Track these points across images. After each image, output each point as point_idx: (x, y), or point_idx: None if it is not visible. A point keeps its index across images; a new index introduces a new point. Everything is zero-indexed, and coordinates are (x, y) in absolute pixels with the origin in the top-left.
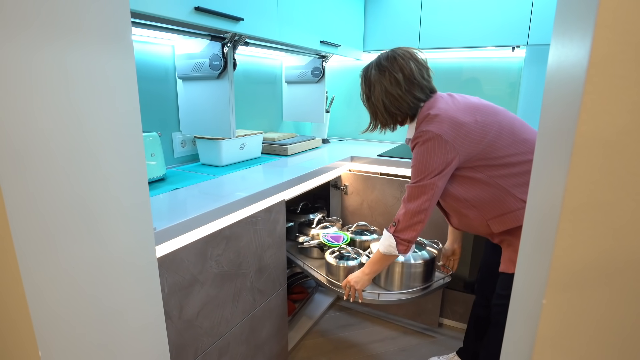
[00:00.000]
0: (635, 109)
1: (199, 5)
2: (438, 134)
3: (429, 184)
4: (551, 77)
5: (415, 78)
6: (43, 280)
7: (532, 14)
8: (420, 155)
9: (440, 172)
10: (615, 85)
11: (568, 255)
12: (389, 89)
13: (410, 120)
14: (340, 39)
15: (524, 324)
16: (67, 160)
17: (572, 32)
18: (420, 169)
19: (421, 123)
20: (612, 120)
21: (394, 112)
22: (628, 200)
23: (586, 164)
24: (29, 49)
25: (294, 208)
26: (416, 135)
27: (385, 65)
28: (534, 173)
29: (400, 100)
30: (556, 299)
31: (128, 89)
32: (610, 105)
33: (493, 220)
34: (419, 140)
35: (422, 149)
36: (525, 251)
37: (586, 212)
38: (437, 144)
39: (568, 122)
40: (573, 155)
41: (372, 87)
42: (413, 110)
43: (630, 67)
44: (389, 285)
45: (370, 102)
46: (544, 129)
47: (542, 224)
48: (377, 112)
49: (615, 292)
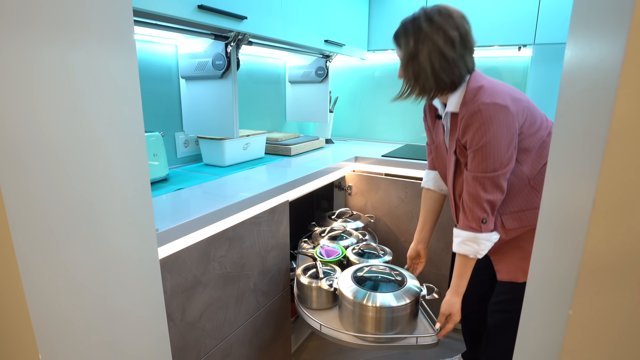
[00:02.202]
0: None
1: (202, 4)
2: (504, 105)
3: (507, 170)
4: (570, 75)
5: (469, 42)
6: (44, 281)
7: (540, 12)
8: (486, 139)
9: (512, 151)
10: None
11: (597, 259)
12: (442, 49)
13: (450, 91)
14: (345, 39)
15: (542, 333)
16: (68, 160)
17: (598, 29)
18: (494, 152)
19: (475, 95)
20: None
21: (441, 78)
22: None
23: (620, 164)
24: (32, 48)
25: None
26: (470, 113)
27: (438, 21)
28: (549, 175)
29: (452, 65)
30: (584, 304)
31: (130, 88)
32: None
33: (509, 216)
34: (477, 117)
35: (485, 128)
36: (542, 258)
37: (619, 212)
38: (505, 117)
39: (597, 121)
40: (605, 155)
41: (420, 43)
42: (460, 80)
43: None
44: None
45: (415, 62)
46: (562, 129)
47: (566, 226)
48: (420, 75)
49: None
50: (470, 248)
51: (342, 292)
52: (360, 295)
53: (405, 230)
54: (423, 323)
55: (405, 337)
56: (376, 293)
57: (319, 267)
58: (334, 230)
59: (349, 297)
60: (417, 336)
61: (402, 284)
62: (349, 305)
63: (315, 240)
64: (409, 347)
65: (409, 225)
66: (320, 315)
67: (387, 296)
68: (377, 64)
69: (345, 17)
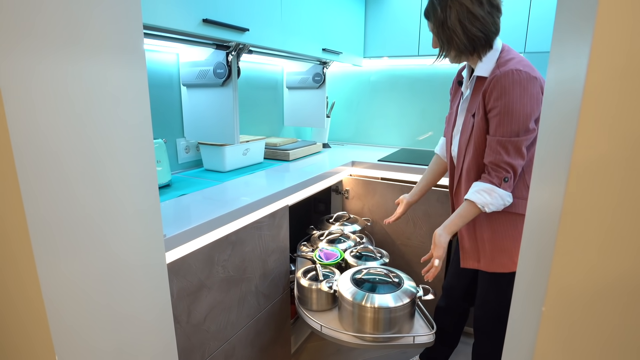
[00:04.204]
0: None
1: (207, 18)
2: (535, 77)
3: (528, 138)
4: (550, 87)
5: (494, 4)
6: (60, 287)
7: (529, 21)
8: (513, 101)
9: (536, 119)
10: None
11: (564, 278)
12: (470, 8)
13: (482, 54)
14: (342, 47)
15: (526, 334)
16: (84, 170)
17: (570, 44)
18: (519, 117)
19: (509, 61)
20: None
21: (475, 35)
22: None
23: (584, 186)
24: (53, 62)
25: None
26: (501, 75)
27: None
28: (534, 182)
29: (483, 22)
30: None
31: (140, 99)
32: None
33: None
34: (508, 80)
35: (519, 89)
36: (525, 272)
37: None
38: (534, 87)
39: (564, 138)
40: (570, 176)
41: (448, 8)
42: (493, 36)
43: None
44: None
45: (445, 27)
46: (543, 140)
47: (544, 227)
48: (452, 38)
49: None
50: (482, 197)
51: (342, 294)
52: (359, 296)
53: (402, 233)
54: (420, 323)
55: (403, 336)
56: (374, 294)
57: (319, 270)
58: (332, 233)
59: (348, 299)
60: (414, 335)
61: (399, 285)
62: (348, 306)
63: (314, 243)
64: (407, 346)
65: (405, 229)
66: (320, 317)
67: (385, 297)
68: (372, 69)
69: (342, 26)
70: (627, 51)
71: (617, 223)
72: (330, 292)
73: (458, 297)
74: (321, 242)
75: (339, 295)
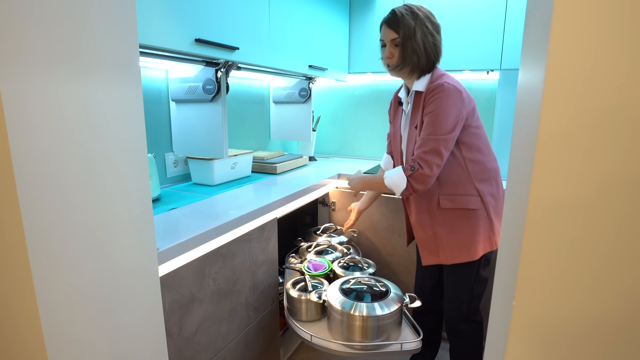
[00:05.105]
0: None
1: (199, 37)
2: (459, 90)
3: (449, 138)
4: (520, 97)
5: (439, 33)
6: (53, 293)
7: (504, 41)
8: (440, 106)
9: (456, 124)
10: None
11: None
12: (432, 33)
13: (425, 73)
14: (327, 63)
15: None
16: (82, 183)
17: (534, 60)
18: (442, 119)
19: (441, 77)
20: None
21: (429, 57)
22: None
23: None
24: (56, 83)
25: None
26: (433, 87)
27: (424, 11)
28: (507, 198)
29: (436, 48)
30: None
31: (136, 115)
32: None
33: (445, 197)
34: (438, 90)
35: (442, 99)
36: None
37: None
38: (458, 97)
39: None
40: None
41: (417, 25)
42: (435, 63)
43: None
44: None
45: (414, 40)
46: (515, 148)
47: (517, 217)
48: (416, 52)
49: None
50: (390, 172)
51: (331, 304)
52: (348, 305)
53: (387, 243)
54: (407, 330)
55: (391, 343)
56: (362, 303)
57: (308, 281)
58: (320, 245)
59: (337, 308)
60: (401, 342)
61: (386, 294)
62: (337, 315)
63: (302, 255)
64: (395, 353)
65: (390, 239)
66: (310, 327)
67: (372, 306)
68: (357, 84)
69: (327, 43)
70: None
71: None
72: (320, 302)
73: (430, 297)
74: (309, 254)
75: (328, 305)
